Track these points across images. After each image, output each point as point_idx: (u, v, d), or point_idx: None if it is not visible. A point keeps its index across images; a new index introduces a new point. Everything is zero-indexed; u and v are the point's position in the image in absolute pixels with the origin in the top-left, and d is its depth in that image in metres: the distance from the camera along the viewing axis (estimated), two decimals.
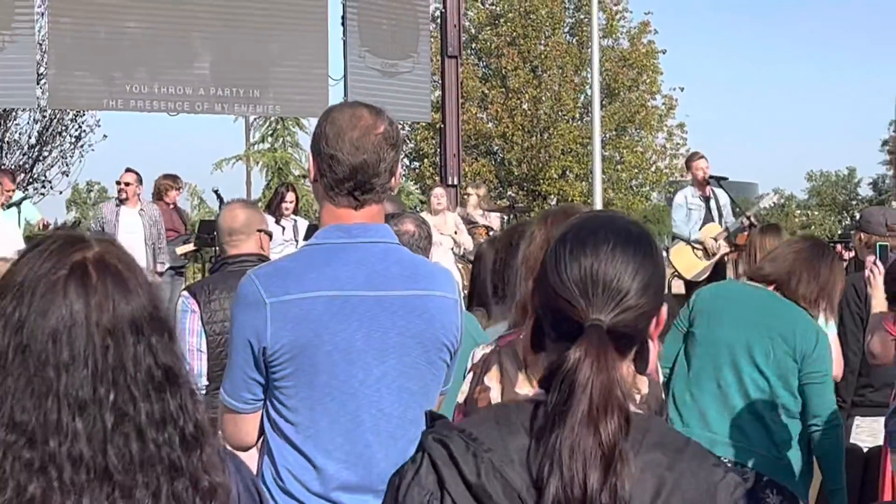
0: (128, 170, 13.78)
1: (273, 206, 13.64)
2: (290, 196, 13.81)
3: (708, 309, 5.52)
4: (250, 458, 3.72)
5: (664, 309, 2.14)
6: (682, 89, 43.21)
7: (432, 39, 19.61)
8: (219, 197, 15.56)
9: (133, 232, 13.31)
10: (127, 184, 13.55)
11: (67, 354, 1.90)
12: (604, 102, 34.17)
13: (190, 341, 5.49)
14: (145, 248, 13.33)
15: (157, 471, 1.93)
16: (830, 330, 6.00)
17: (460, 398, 3.77)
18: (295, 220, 13.60)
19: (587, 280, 2.04)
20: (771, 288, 5.46)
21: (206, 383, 5.44)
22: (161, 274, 13.76)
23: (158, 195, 14.72)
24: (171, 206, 14.82)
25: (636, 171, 38.96)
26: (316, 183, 3.41)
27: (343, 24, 17.58)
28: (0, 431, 1.87)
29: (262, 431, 3.41)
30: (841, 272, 5.65)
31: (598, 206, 17.57)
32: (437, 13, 19.19)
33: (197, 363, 5.48)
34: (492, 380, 3.70)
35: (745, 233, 13.16)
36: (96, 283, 1.95)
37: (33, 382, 1.89)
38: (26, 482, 1.86)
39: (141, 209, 13.58)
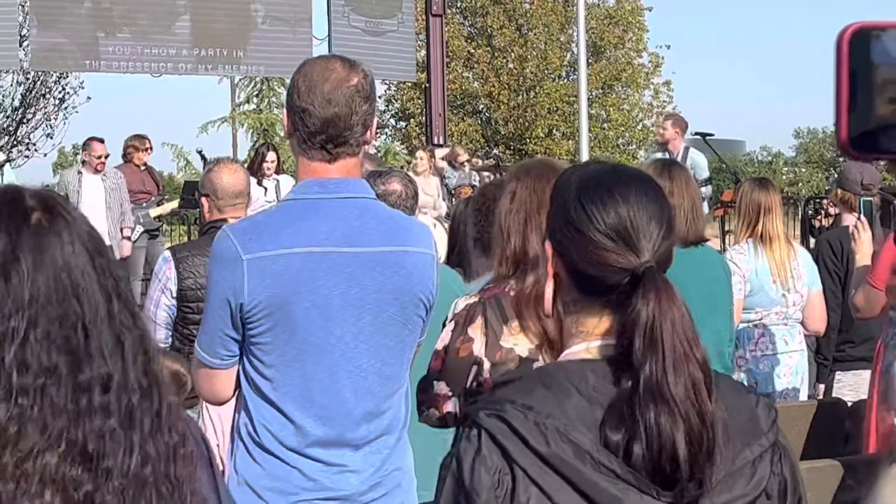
0: (99, 140, 13.48)
1: (255, 167, 13.51)
2: (270, 156, 13.69)
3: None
4: (227, 413, 3.73)
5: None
6: (668, 47, 43.05)
7: None
8: (203, 158, 15.49)
9: (96, 197, 13.12)
10: (107, 156, 13.43)
11: (79, 281, 1.90)
12: (590, 61, 34.09)
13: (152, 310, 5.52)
14: (106, 213, 13.08)
15: (152, 392, 1.94)
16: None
17: (439, 345, 3.79)
18: (277, 181, 13.48)
19: (627, 227, 2.06)
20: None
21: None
22: (130, 239, 13.61)
23: (127, 157, 14.52)
24: (143, 168, 14.59)
25: (623, 129, 38.98)
26: (291, 137, 3.41)
27: None
28: (29, 377, 1.84)
29: (237, 385, 3.40)
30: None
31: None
32: None
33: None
34: (475, 331, 3.72)
35: (730, 189, 13.17)
36: (60, 212, 1.93)
37: (56, 321, 1.87)
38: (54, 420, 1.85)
39: (103, 175, 13.32)
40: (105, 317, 1.90)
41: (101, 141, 13.51)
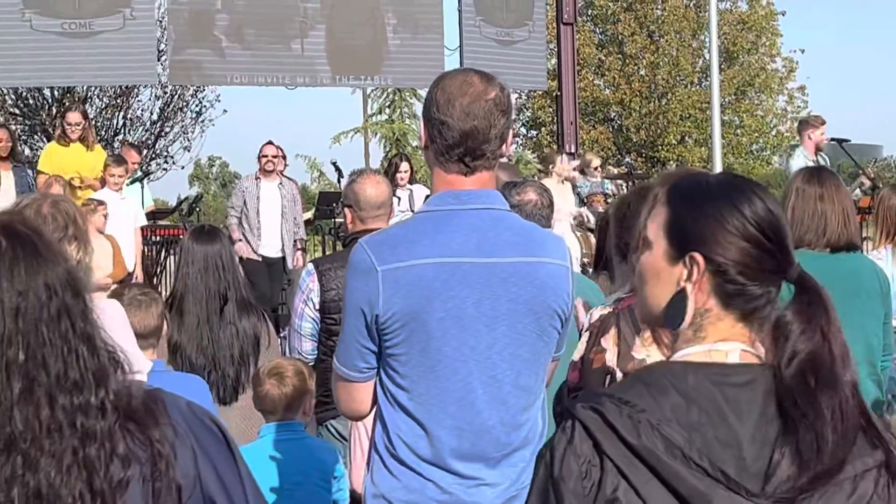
0: (270, 143, 13.59)
1: (388, 177, 13.54)
2: (404, 166, 13.77)
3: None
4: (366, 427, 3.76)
5: None
6: (802, 51, 42.50)
7: (548, 7, 19.44)
8: (337, 169, 15.64)
9: (273, 204, 13.26)
10: (275, 156, 13.52)
11: None
12: (722, 66, 33.71)
13: (296, 322, 5.63)
14: (281, 222, 13.22)
15: (66, 436, 1.89)
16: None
17: (576, 356, 3.78)
18: (411, 190, 13.56)
19: (781, 231, 2.09)
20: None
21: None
22: (304, 251, 13.77)
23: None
24: None
25: (756, 135, 38.49)
26: (427, 149, 3.41)
27: None
28: None
29: (375, 400, 3.40)
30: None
31: (718, 171, 17.35)
32: None
33: (298, 342, 5.64)
34: (608, 342, 3.71)
35: (867, 196, 12.93)
36: (5, 248, 1.93)
37: None
38: None
39: (280, 183, 13.43)
40: None
41: (271, 143, 13.61)
